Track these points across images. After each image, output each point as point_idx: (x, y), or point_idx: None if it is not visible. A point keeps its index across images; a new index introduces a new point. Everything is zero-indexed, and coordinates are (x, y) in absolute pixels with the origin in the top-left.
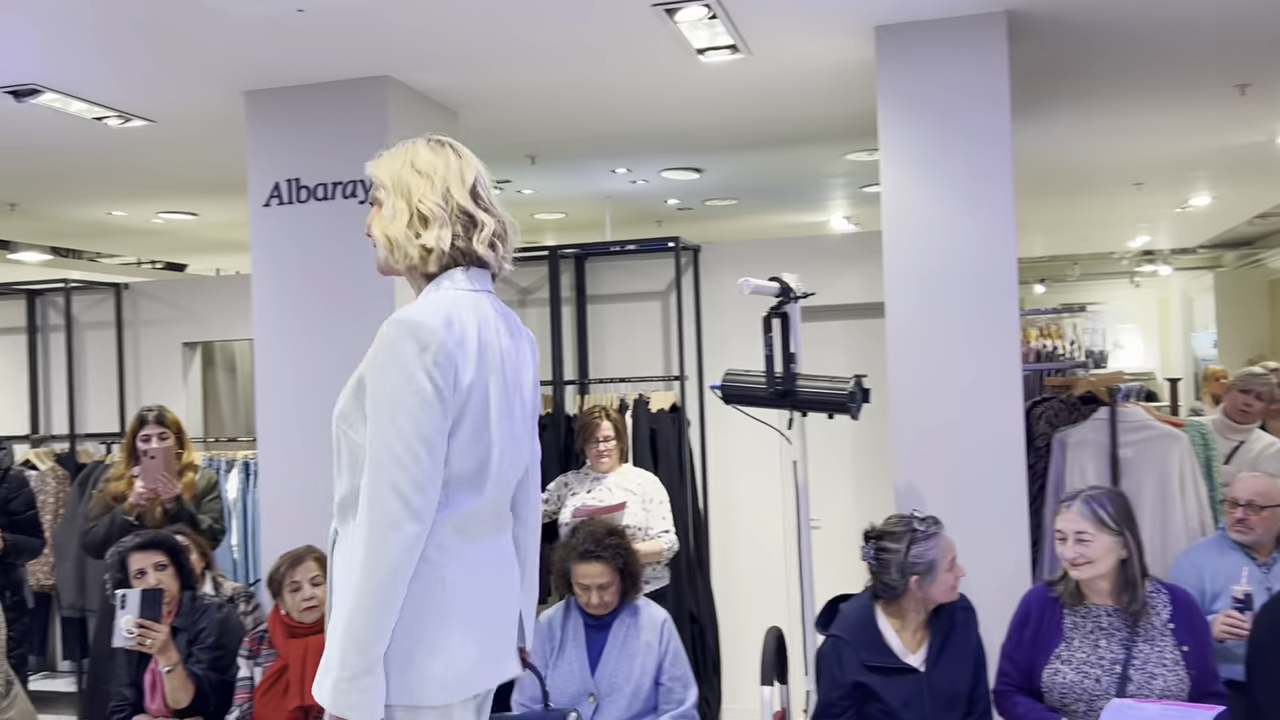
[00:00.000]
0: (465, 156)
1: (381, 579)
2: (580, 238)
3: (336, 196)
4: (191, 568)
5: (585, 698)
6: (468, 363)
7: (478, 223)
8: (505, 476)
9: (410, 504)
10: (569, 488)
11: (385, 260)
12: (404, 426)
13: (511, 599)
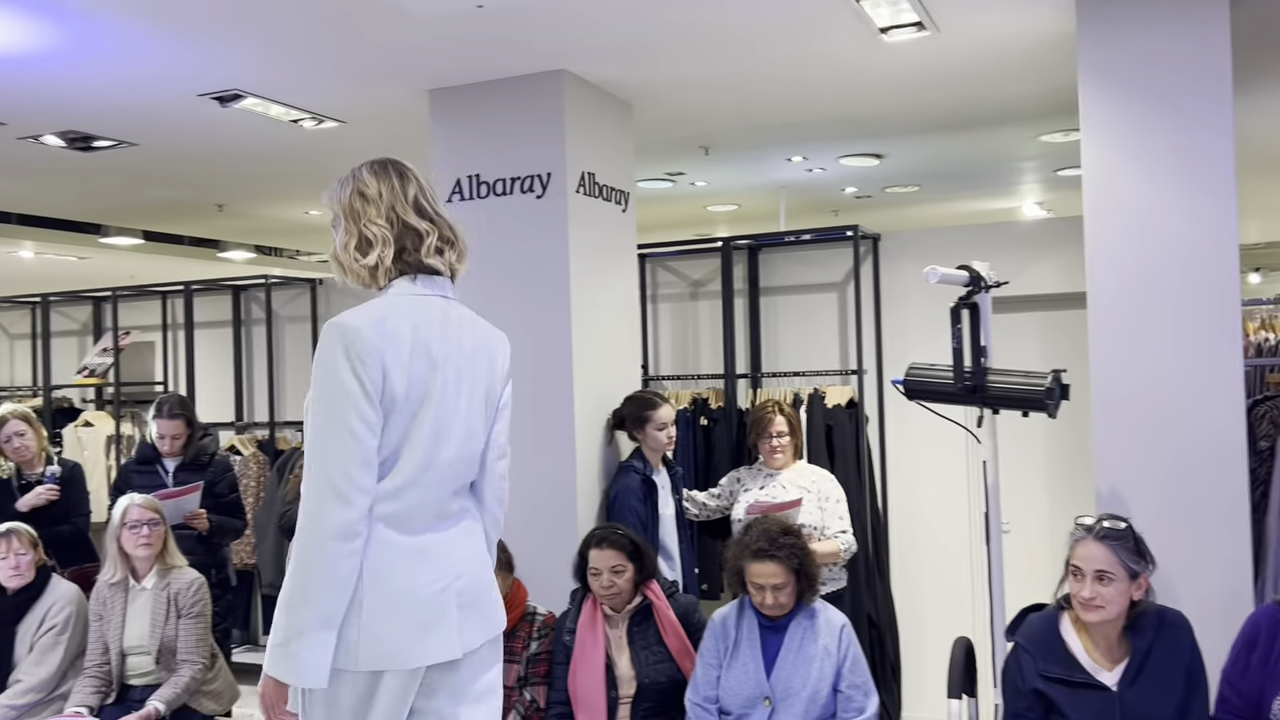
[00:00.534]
0: (406, 174)
1: (309, 557)
2: (753, 229)
3: (515, 192)
4: None
5: (760, 701)
6: (398, 361)
7: (422, 235)
8: (447, 467)
9: (339, 490)
10: (741, 483)
11: (342, 280)
12: (333, 419)
13: (444, 586)
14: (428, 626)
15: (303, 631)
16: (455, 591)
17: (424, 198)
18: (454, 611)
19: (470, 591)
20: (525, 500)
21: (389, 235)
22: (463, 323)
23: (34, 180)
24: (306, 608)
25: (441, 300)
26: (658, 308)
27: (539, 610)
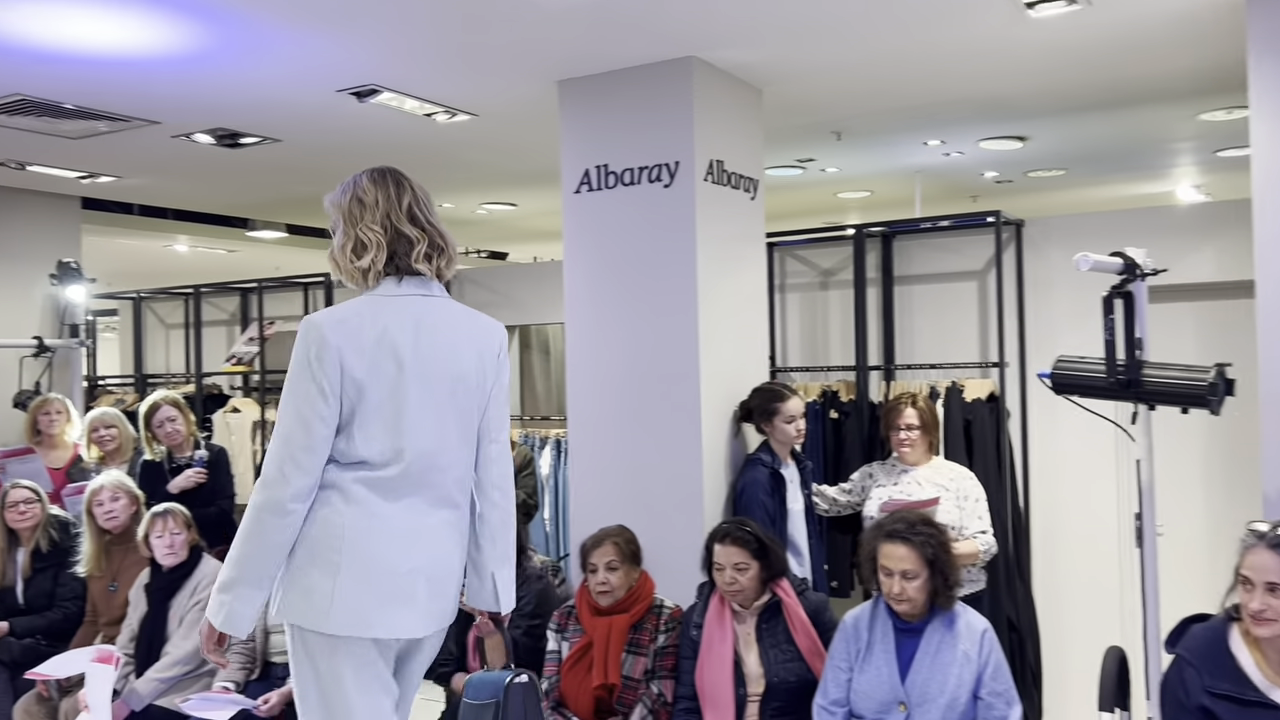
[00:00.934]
0: (403, 184)
1: (251, 523)
2: (885, 217)
3: (642, 181)
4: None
5: (895, 706)
6: (358, 357)
7: (414, 241)
8: (424, 450)
9: (283, 469)
10: (874, 479)
11: (337, 279)
12: (290, 408)
13: (421, 565)
14: (396, 602)
15: (234, 585)
16: (425, 576)
17: (417, 207)
18: (421, 593)
19: (438, 580)
20: (651, 492)
21: (383, 240)
22: (445, 318)
23: (186, 177)
24: (242, 566)
25: (423, 299)
26: (786, 298)
27: (666, 603)
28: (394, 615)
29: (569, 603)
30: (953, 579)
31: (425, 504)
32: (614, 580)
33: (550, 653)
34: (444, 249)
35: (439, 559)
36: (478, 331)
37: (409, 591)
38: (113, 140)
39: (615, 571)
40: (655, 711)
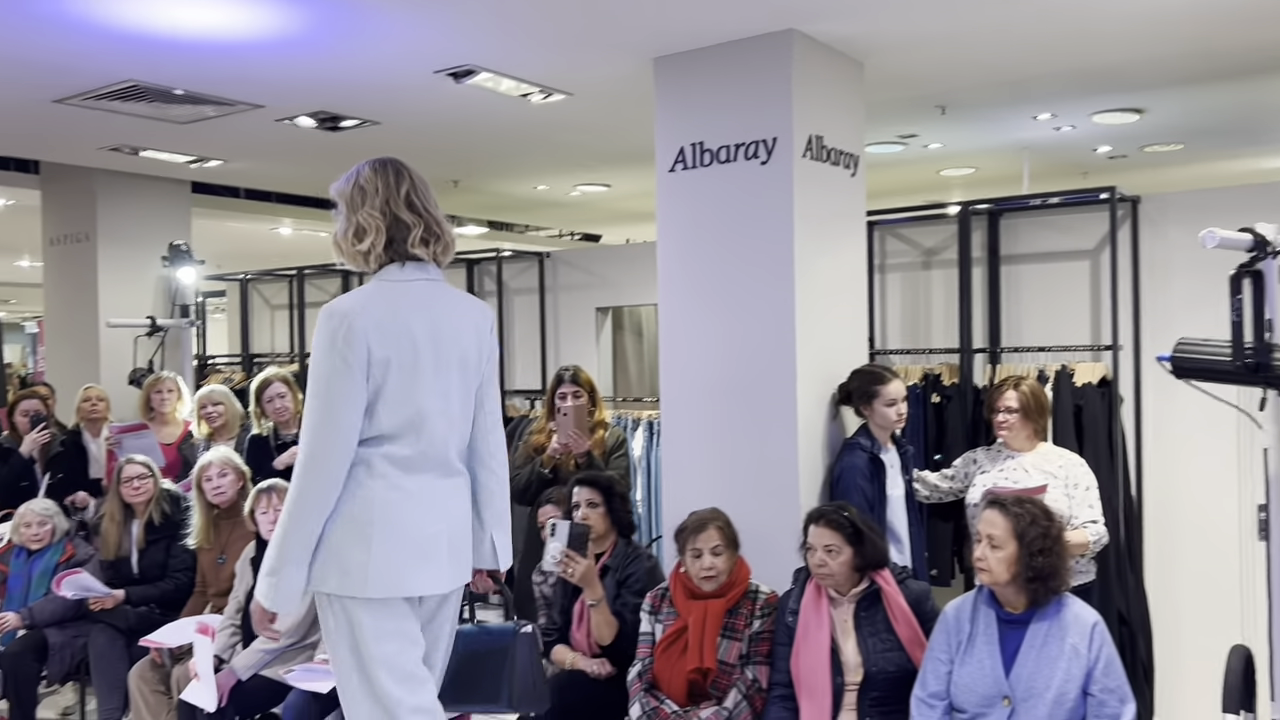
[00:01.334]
0: (402, 173)
1: (295, 505)
2: (989, 195)
3: (739, 158)
4: (627, 515)
5: (998, 700)
6: (381, 339)
7: (410, 227)
8: (436, 426)
9: (323, 450)
10: (978, 465)
11: (339, 261)
12: (323, 391)
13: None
14: (425, 562)
15: (282, 566)
16: (447, 536)
17: (415, 195)
18: (445, 552)
19: (457, 539)
20: (745, 476)
21: (381, 226)
22: (445, 300)
23: (289, 160)
24: (287, 546)
25: (427, 283)
26: (886, 278)
27: (762, 589)
28: (425, 575)
29: (663, 585)
30: (1061, 571)
31: (437, 474)
32: (720, 565)
33: (644, 634)
34: (440, 235)
35: (456, 521)
36: (474, 312)
37: (434, 552)
38: (219, 124)
39: (720, 556)
40: (750, 697)
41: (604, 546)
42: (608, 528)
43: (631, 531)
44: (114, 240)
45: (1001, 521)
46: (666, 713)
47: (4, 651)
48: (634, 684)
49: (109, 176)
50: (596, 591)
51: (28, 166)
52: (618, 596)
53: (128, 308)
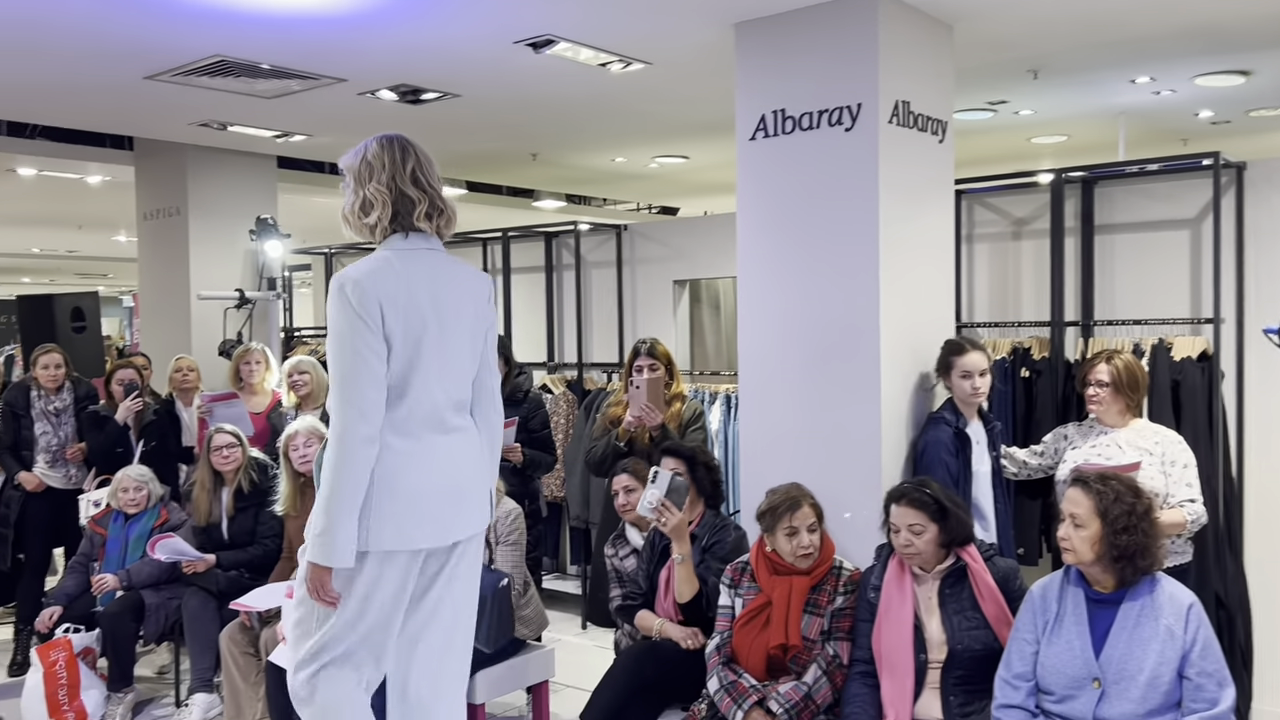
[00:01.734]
0: (408, 149)
1: (341, 463)
2: (1082, 163)
3: (822, 125)
4: (713, 485)
5: (1088, 683)
6: (392, 304)
7: (415, 202)
8: (436, 388)
9: (360, 408)
10: (1069, 441)
11: (347, 234)
12: (348, 353)
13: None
14: (425, 518)
15: (336, 524)
16: (447, 491)
17: (420, 171)
18: (446, 507)
19: (460, 491)
20: (825, 450)
21: (388, 199)
22: (448, 269)
23: (372, 134)
24: (339, 504)
25: (430, 253)
26: (973, 248)
27: (845, 565)
28: (425, 528)
29: (743, 559)
30: (1153, 551)
31: (436, 432)
32: (816, 542)
33: (723, 608)
34: (443, 210)
35: (458, 475)
36: (474, 282)
37: (434, 507)
38: (304, 99)
39: (815, 534)
40: (830, 673)
41: (692, 515)
42: (694, 497)
43: (719, 503)
44: (204, 214)
45: (1084, 500)
46: (745, 686)
47: (103, 612)
48: (712, 657)
49: (199, 152)
50: (685, 546)
51: (123, 143)
52: (701, 561)
53: (217, 281)
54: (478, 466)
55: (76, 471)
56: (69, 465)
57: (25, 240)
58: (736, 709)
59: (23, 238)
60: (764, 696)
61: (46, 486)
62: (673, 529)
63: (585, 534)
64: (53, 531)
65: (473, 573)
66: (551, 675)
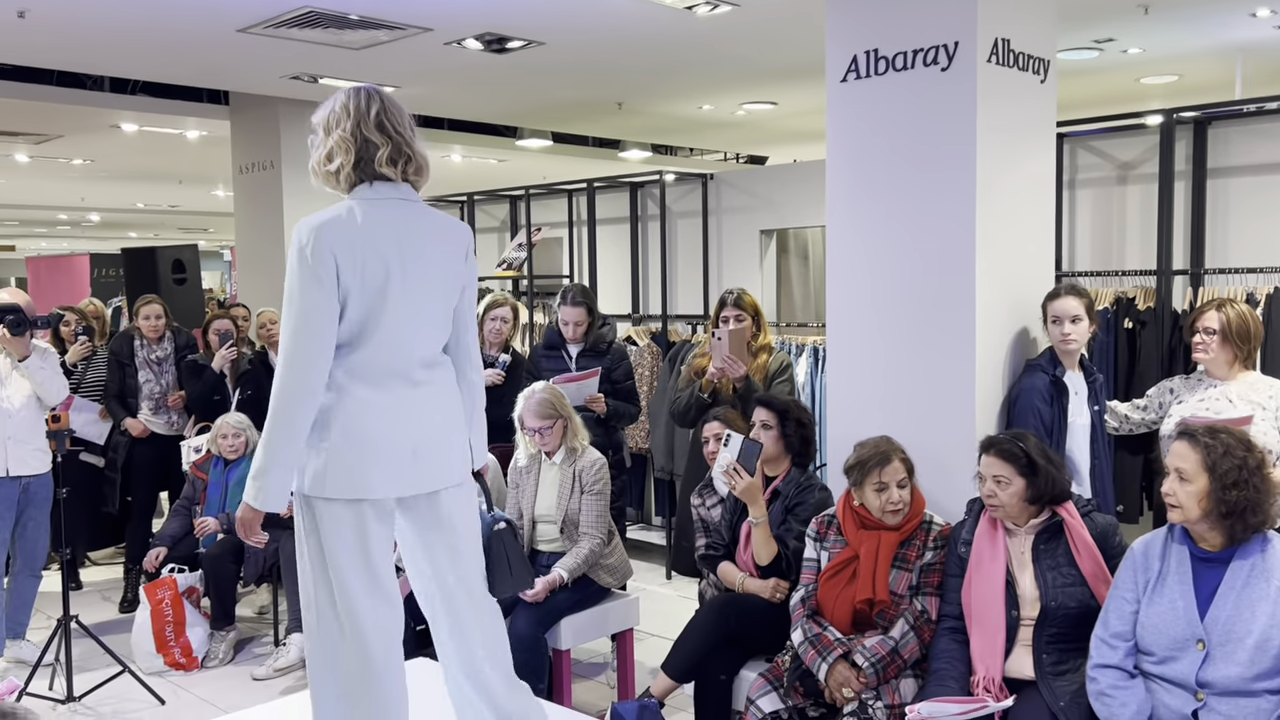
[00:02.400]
0: (374, 96)
1: (280, 409)
2: (1196, 103)
3: (917, 65)
4: (803, 441)
5: (1191, 644)
6: (347, 254)
7: (377, 146)
8: (400, 339)
9: (299, 357)
10: (1175, 395)
11: (316, 186)
12: (296, 302)
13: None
14: (384, 466)
15: (269, 469)
16: (413, 442)
17: (385, 116)
18: (408, 458)
19: (429, 442)
20: (916, 404)
21: (350, 146)
22: (419, 220)
23: (458, 85)
24: (274, 450)
25: (399, 203)
26: (1075, 194)
27: (936, 519)
28: (383, 477)
29: (828, 511)
30: (1265, 508)
31: (403, 384)
32: (906, 498)
33: (808, 560)
34: (411, 157)
35: (424, 428)
36: (450, 232)
37: (395, 457)
38: (391, 50)
39: (905, 489)
40: (918, 628)
41: (777, 470)
42: (780, 451)
43: (808, 461)
44: (298, 166)
45: (1191, 454)
46: (830, 639)
47: (205, 554)
48: (796, 609)
49: (291, 105)
50: (759, 510)
51: (219, 98)
52: (783, 522)
53: None
54: (449, 419)
55: (178, 418)
56: (171, 412)
57: (130, 195)
58: (821, 661)
59: (128, 193)
60: (849, 650)
61: (151, 432)
62: (745, 492)
63: (670, 485)
64: (158, 475)
65: (464, 522)
66: (636, 624)
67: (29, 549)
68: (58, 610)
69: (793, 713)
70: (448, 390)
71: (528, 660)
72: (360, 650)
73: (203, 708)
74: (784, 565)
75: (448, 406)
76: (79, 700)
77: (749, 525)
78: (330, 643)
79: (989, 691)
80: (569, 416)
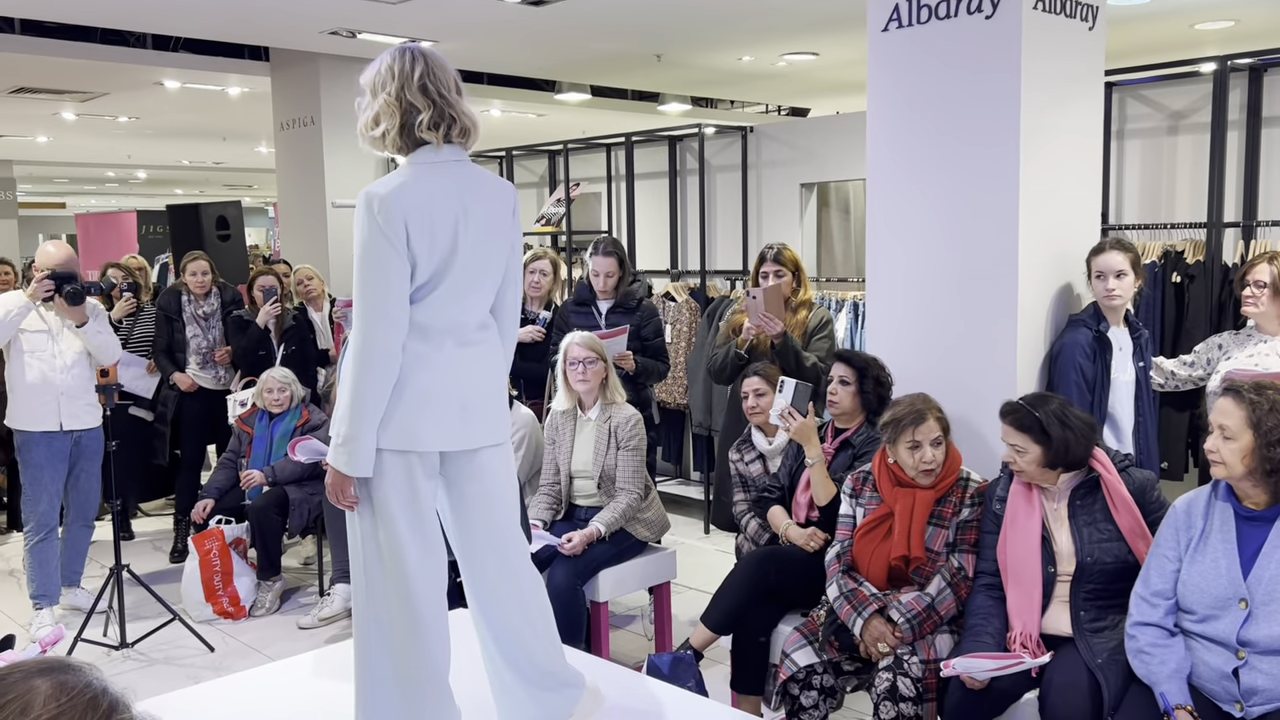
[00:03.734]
0: (418, 59)
1: (363, 372)
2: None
3: (960, 13)
4: (883, 401)
5: (1234, 603)
6: (417, 222)
7: (420, 110)
8: (460, 300)
9: (378, 320)
10: (1223, 350)
11: (364, 149)
12: (371, 267)
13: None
14: (435, 421)
15: (359, 433)
16: (462, 399)
17: (429, 78)
18: (459, 413)
19: (476, 400)
20: (957, 359)
21: (395, 110)
22: (476, 182)
23: (497, 39)
24: (360, 414)
25: (456, 164)
26: (1124, 145)
27: (973, 476)
28: (435, 431)
29: (864, 468)
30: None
31: (454, 344)
32: (939, 457)
33: (844, 517)
34: (456, 120)
35: (474, 386)
36: (501, 193)
37: (445, 413)
38: (431, 4)
39: (939, 448)
40: (954, 585)
41: (850, 424)
42: (856, 407)
43: (876, 411)
44: (337, 122)
45: (1235, 410)
46: (865, 594)
47: (251, 505)
48: (832, 564)
49: (330, 61)
50: (815, 450)
51: (259, 54)
52: (850, 467)
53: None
54: (495, 379)
55: (225, 373)
56: (218, 367)
57: (175, 152)
58: (856, 616)
59: (173, 149)
60: (884, 605)
61: (199, 387)
62: (799, 433)
63: (708, 440)
64: (206, 428)
65: (503, 480)
66: (673, 577)
67: (82, 500)
68: (111, 560)
69: (827, 666)
70: (495, 351)
71: (566, 612)
72: (406, 599)
73: (251, 655)
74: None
75: (495, 367)
76: (132, 647)
77: (807, 475)
78: (376, 590)
79: (1025, 648)
80: (609, 365)
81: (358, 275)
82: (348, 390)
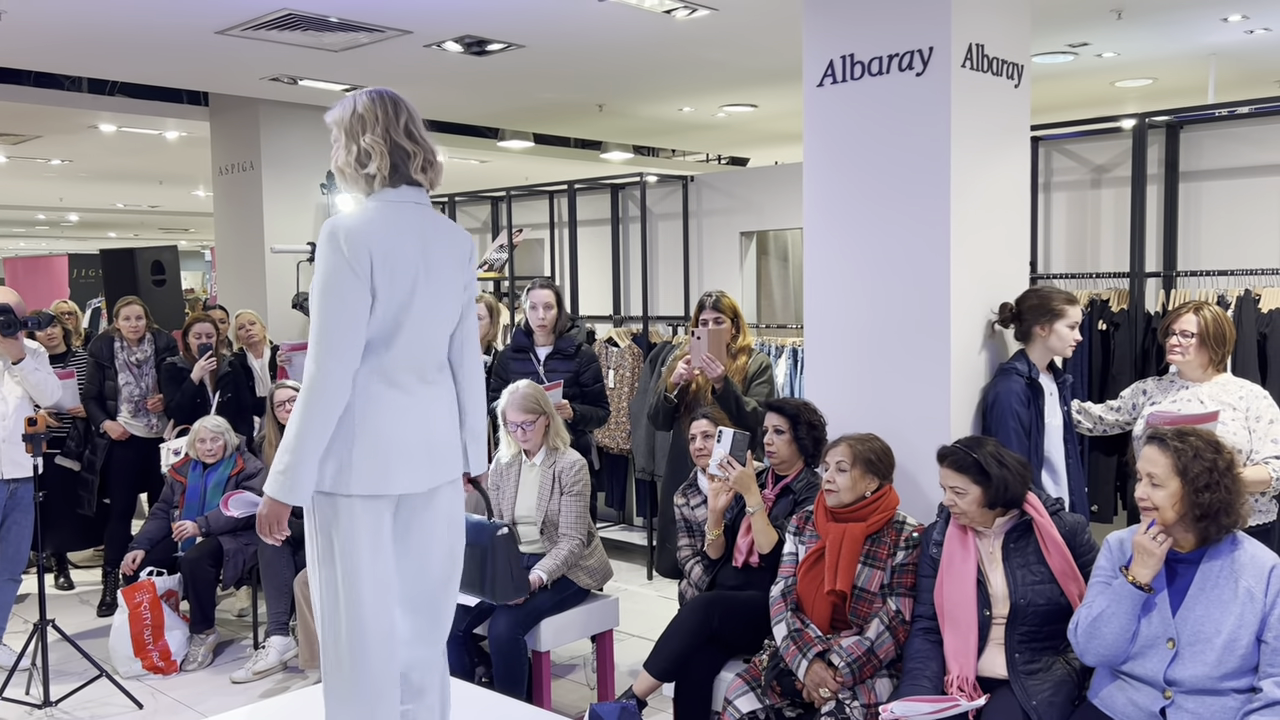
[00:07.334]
0: (399, 103)
1: (306, 406)
2: (1169, 107)
3: (892, 70)
4: (819, 444)
5: (1161, 642)
6: (382, 257)
7: (411, 154)
8: (420, 340)
9: (331, 352)
10: (1148, 396)
11: (341, 185)
12: (330, 298)
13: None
14: (403, 463)
15: (301, 462)
16: (427, 439)
17: (413, 124)
18: (423, 454)
19: (437, 442)
20: (893, 405)
21: (385, 151)
22: (434, 224)
23: (439, 86)
24: (305, 443)
25: (418, 207)
26: (1050, 197)
27: (909, 520)
28: (404, 474)
29: (807, 507)
30: (1235, 509)
31: (416, 383)
32: (840, 482)
33: (787, 554)
34: (435, 163)
35: (434, 427)
36: (457, 238)
37: (412, 455)
38: (371, 52)
39: (844, 474)
40: (893, 629)
41: (790, 471)
42: (793, 454)
43: (820, 461)
44: (277, 168)
45: (1161, 458)
46: (811, 636)
47: (184, 557)
48: (777, 603)
49: (271, 106)
50: (755, 498)
51: (198, 99)
52: (792, 513)
53: (290, 234)
54: (452, 417)
55: (158, 421)
56: (150, 415)
57: (110, 195)
58: (801, 658)
59: (107, 193)
60: (828, 648)
61: (130, 435)
62: (739, 482)
63: (651, 486)
64: (137, 478)
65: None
66: (616, 625)
67: (10, 553)
68: (34, 614)
69: (770, 712)
70: (450, 390)
71: (507, 662)
72: (361, 645)
73: (181, 711)
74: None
75: (451, 405)
76: (55, 705)
77: (749, 519)
78: (338, 635)
79: (962, 691)
80: (551, 415)
81: (317, 306)
82: (296, 420)
